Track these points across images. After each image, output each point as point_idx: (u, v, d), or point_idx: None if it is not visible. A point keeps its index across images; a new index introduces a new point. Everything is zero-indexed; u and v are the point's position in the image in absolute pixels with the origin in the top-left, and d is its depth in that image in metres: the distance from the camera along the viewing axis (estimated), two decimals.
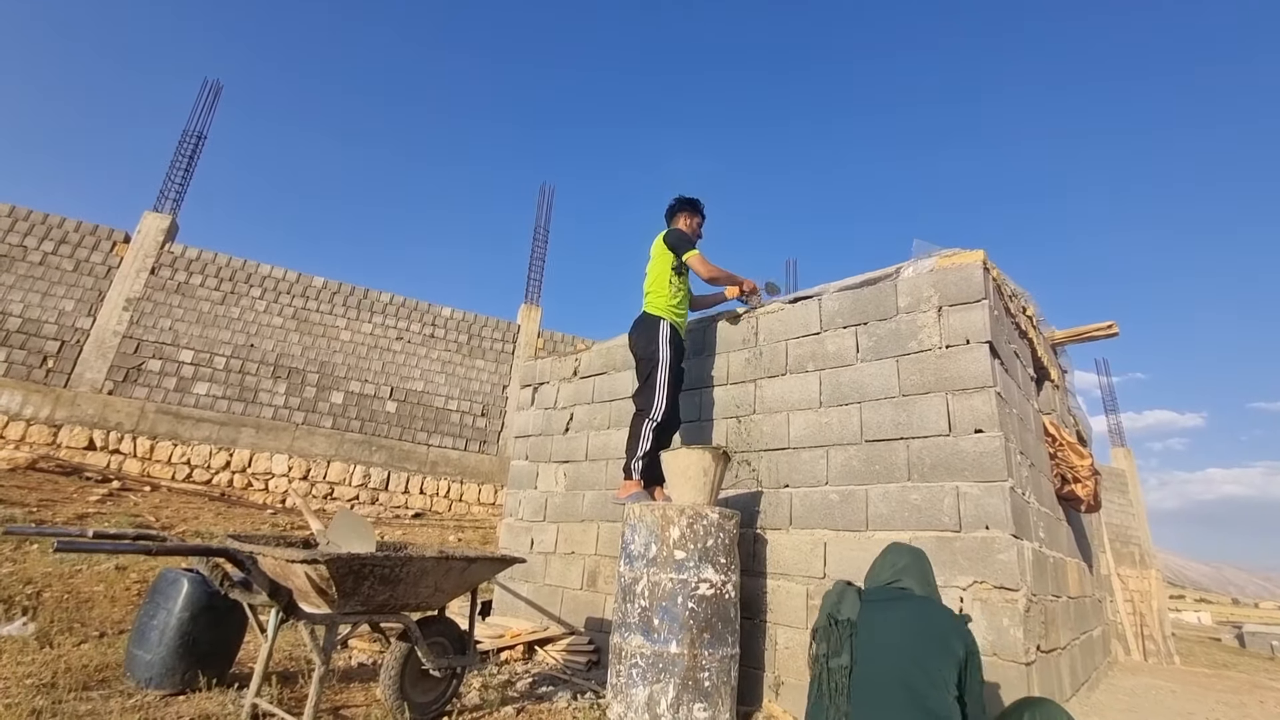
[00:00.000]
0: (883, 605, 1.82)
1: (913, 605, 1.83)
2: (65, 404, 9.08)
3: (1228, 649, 20.35)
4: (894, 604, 1.83)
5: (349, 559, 2.13)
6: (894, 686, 1.63)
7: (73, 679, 2.59)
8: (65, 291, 9.59)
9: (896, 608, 1.82)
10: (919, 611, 1.80)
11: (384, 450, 10.84)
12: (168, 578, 2.73)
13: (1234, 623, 26.74)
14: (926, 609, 1.82)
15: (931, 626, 1.74)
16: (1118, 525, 15.37)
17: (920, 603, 1.84)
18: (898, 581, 1.93)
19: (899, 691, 1.62)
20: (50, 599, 3.93)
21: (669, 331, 3.48)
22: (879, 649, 1.71)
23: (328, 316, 11.20)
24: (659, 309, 3.55)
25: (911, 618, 1.78)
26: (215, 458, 9.62)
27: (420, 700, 2.55)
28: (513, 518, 4.74)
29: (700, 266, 3.59)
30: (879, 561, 2.04)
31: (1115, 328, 4.99)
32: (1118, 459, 19.12)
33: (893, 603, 1.83)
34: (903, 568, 1.96)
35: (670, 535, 2.79)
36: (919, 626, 1.74)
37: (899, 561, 1.99)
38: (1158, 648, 13.31)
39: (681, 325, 3.62)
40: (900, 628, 1.75)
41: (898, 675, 1.64)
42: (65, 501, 6.87)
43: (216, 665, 2.70)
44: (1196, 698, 3.54)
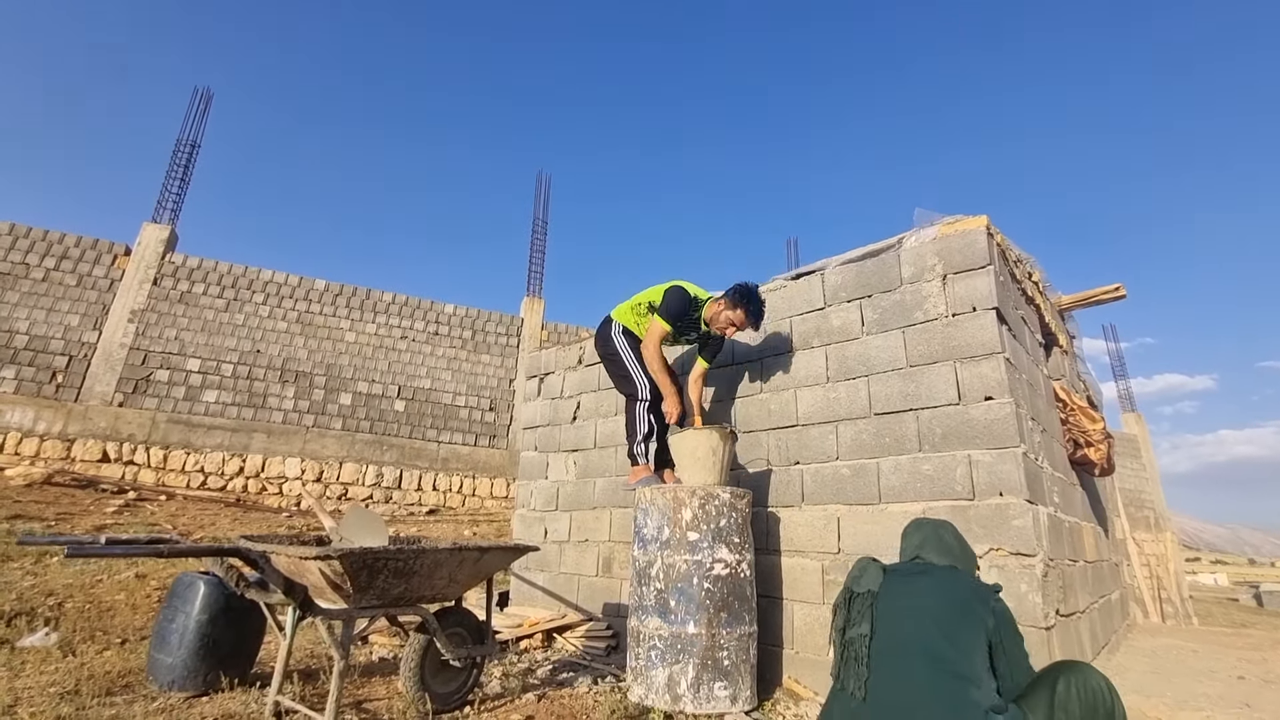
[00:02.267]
0: (905, 577, 1.81)
1: (935, 575, 1.81)
2: (77, 418, 9.15)
3: (1246, 609, 20.32)
4: (916, 576, 1.81)
5: (362, 553, 2.14)
6: (916, 653, 1.60)
7: (96, 685, 2.62)
8: (70, 307, 9.64)
9: (918, 579, 1.80)
10: (941, 581, 1.78)
11: (395, 449, 10.89)
12: (184, 581, 2.75)
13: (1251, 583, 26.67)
14: (948, 578, 1.80)
15: (954, 594, 1.72)
16: (1131, 490, 15.32)
17: (943, 572, 1.83)
18: (918, 557, 1.92)
19: (921, 658, 1.59)
20: (72, 609, 3.97)
21: (620, 327, 3.53)
22: (900, 617, 1.69)
23: (332, 319, 11.22)
24: (618, 314, 3.58)
25: (933, 587, 1.76)
26: (228, 464, 9.68)
27: (442, 691, 2.57)
28: (525, 508, 4.75)
29: (649, 341, 3.28)
30: (901, 544, 2.03)
31: (1122, 290, 4.93)
32: (1129, 424, 19.03)
33: (915, 576, 1.81)
34: (919, 543, 1.95)
35: (682, 517, 2.78)
36: (941, 595, 1.72)
37: (916, 538, 1.98)
38: (1175, 610, 13.30)
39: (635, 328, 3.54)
40: (922, 596, 1.73)
41: (920, 642, 1.61)
42: (83, 514, 6.94)
43: (238, 665, 2.72)
44: (1218, 655, 3.53)
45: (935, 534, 1.96)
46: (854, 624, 1.70)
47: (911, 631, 1.64)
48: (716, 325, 3.26)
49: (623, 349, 3.47)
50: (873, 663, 1.63)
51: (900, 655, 1.62)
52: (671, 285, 3.36)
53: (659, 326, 3.28)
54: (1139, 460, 17.06)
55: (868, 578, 1.79)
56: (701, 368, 3.49)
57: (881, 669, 1.62)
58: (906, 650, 1.62)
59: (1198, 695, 2.56)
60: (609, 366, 3.59)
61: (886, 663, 1.62)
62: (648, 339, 3.31)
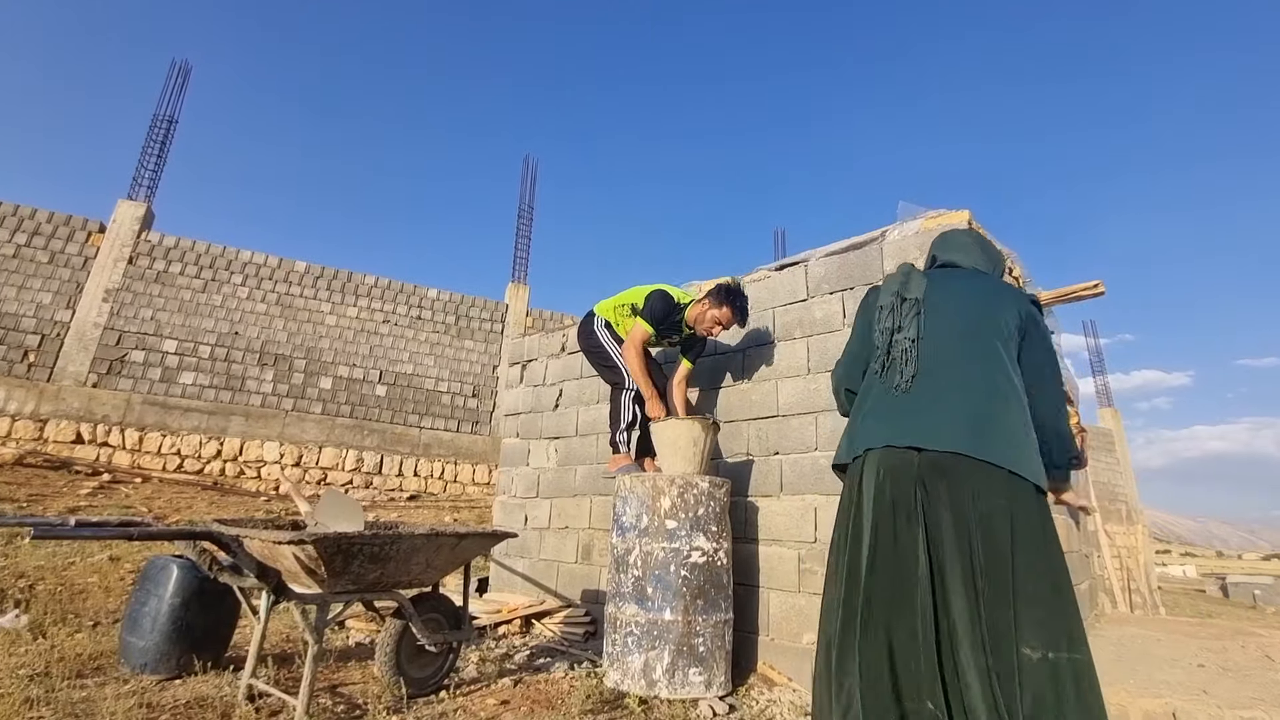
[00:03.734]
0: (942, 283, 1.77)
1: (969, 281, 1.79)
2: (50, 398, 8.97)
3: (1212, 599, 20.91)
4: (952, 281, 1.78)
5: (336, 538, 2.12)
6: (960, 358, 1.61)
7: (66, 668, 2.58)
8: (42, 284, 9.41)
9: (955, 284, 1.77)
10: (975, 286, 1.77)
11: (376, 434, 10.81)
12: (157, 564, 2.71)
13: (1218, 574, 27.44)
14: (982, 283, 1.78)
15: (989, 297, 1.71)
16: (1105, 483, 15.64)
17: (975, 277, 1.81)
18: (953, 260, 1.89)
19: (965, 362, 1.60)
20: (43, 591, 3.92)
21: (603, 321, 3.53)
22: (944, 323, 1.67)
23: (312, 301, 11.07)
24: (601, 309, 3.59)
25: (969, 292, 1.75)
26: (205, 447, 9.56)
27: (417, 675, 2.57)
28: (506, 495, 4.74)
29: (629, 346, 3.30)
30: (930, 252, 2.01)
31: (1101, 287, 5.00)
32: (1105, 419, 19.40)
33: (951, 281, 1.79)
34: (945, 247, 1.93)
35: (661, 505, 2.80)
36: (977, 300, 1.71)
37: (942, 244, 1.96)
38: (1144, 600, 13.65)
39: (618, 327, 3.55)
40: (961, 300, 1.72)
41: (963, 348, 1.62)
42: (55, 496, 6.82)
43: (211, 649, 2.70)
44: (1180, 644, 3.62)
45: (957, 239, 1.95)
46: (903, 329, 1.67)
47: (955, 338, 1.64)
48: (702, 326, 3.24)
49: (606, 341, 3.49)
50: (921, 364, 1.62)
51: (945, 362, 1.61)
52: (654, 289, 3.36)
53: (641, 329, 3.28)
54: (1114, 454, 17.40)
55: (914, 284, 1.74)
56: (685, 369, 3.48)
57: (929, 373, 1.61)
58: (951, 358, 1.62)
59: (1158, 682, 2.63)
60: (593, 358, 3.60)
61: (934, 366, 1.61)
62: (629, 341, 3.31)
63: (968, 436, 1.47)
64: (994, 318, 1.66)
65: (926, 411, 1.54)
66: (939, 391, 1.57)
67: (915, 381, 1.60)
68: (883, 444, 1.55)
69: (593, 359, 3.61)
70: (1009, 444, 1.48)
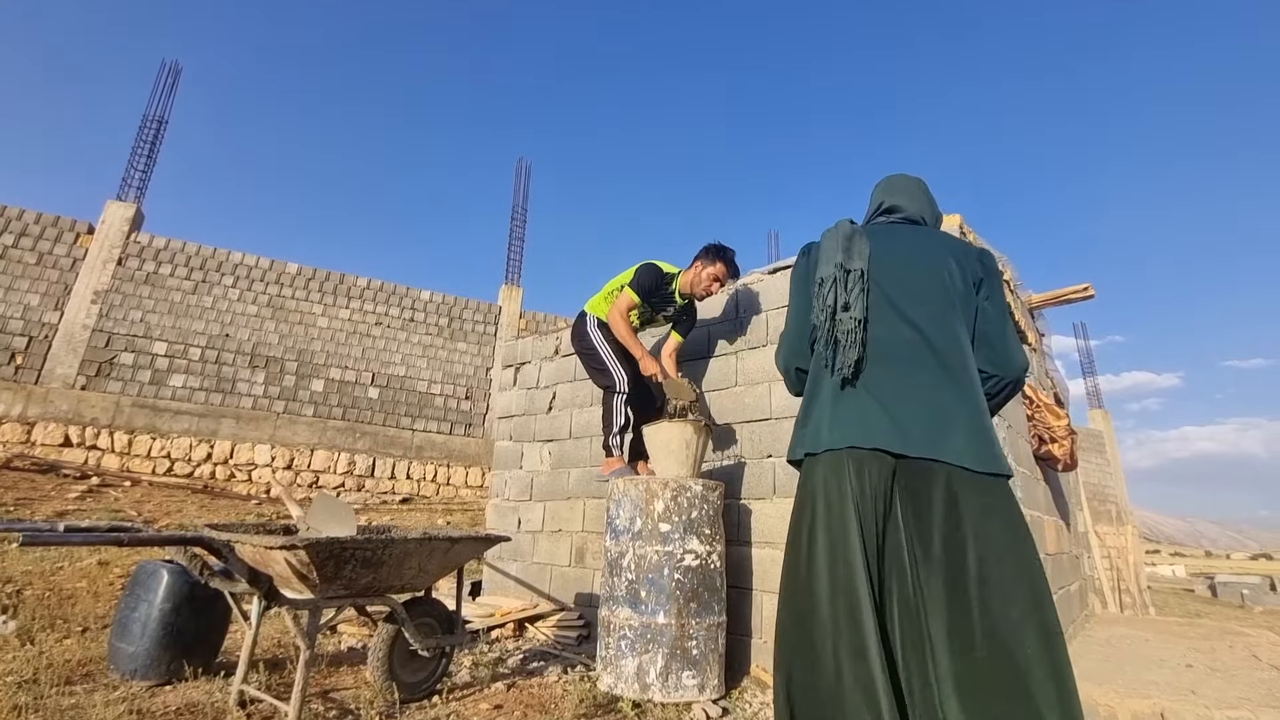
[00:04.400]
0: (887, 242, 1.61)
1: (916, 238, 1.65)
2: (37, 401, 8.88)
3: (1201, 599, 21.10)
4: (898, 240, 1.63)
5: (328, 543, 2.11)
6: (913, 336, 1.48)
7: (55, 674, 2.56)
8: (29, 286, 9.33)
9: (900, 242, 1.63)
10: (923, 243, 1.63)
11: (368, 437, 10.77)
12: (147, 569, 2.69)
13: (1206, 574, 27.69)
14: (929, 240, 1.65)
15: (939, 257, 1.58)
16: (1095, 484, 15.76)
17: (921, 234, 1.68)
18: (893, 208, 1.73)
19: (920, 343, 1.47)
20: (31, 597, 3.88)
21: (596, 323, 3.52)
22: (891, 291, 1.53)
23: (304, 303, 11.01)
24: (591, 307, 3.59)
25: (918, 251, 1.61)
26: (196, 450, 9.49)
27: (410, 680, 2.56)
28: (499, 498, 4.74)
29: (614, 312, 3.32)
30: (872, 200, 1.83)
31: (1091, 290, 5.05)
32: (1095, 420, 19.55)
33: (896, 239, 1.64)
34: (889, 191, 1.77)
35: (655, 508, 2.80)
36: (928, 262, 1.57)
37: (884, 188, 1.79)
38: (1134, 600, 13.75)
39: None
40: (911, 266, 1.57)
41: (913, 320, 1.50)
42: (43, 499, 6.76)
43: (202, 654, 2.68)
44: (1169, 645, 3.66)
45: (903, 184, 1.79)
46: (849, 306, 1.50)
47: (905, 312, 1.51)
48: (700, 286, 3.30)
49: (599, 342, 3.47)
50: (872, 348, 1.48)
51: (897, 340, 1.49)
52: (642, 264, 3.41)
53: (627, 297, 3.33)
54: (1103, 456, 17.54)
55: (856, 249, 1.56)
56: (675, 341, 3.53)
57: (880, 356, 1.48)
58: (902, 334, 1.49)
59: (1147, 683, 2.66)
60: (585, 361, 3.59)
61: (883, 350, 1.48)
62: (613, 308, 3.34)
63: (935, 437, 1.37)
64: (943, 281, 1.54)
65: (887, 407, 1.41)
66: (896, 382, 1.44)
67: (869, 370, 1.46)
68: (845, 445, 1.40)
69: (585, 361, 3.60)
70: (974, 439, 1.39)
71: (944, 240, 1.66)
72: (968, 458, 1.36)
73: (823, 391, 1.52)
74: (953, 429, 1.39)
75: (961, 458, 1.36)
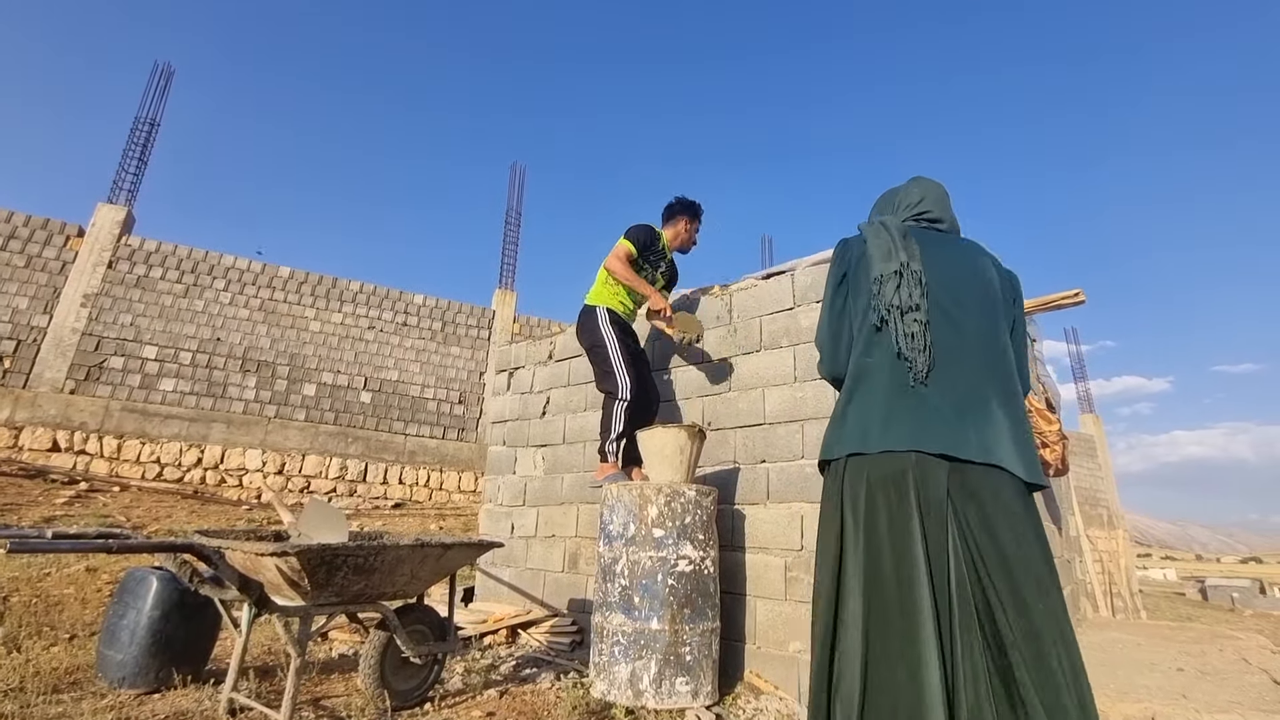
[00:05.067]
0: (932, 246, 1.59)
1: (959, 247, 1.64)
2: (25, 405, 8.80)
3: (1192, 602, 21.22)
4: (942, 248, 1.61)
5: (320, 550, 2.10)
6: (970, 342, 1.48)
7: (42, 682, 2.53)
8: (18, 289, 9.25)
9: (946, 250, 1.61)
10: (966, 253, 1.63)
11: (360, 441, 10.71)
12: (135, 576, 2.67)
13: (1197, 577, 27.88)
14: (970, 251, 1.64)
15: (984, 271, 1.59)
16: (1087, 489, 15.84)
17: (962, 243, 1.66)
18: (927, 214, 1.70)
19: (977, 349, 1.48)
20: (18, 603, 3.83)
21: (606, 315, 3.46)
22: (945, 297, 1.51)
23: (296, 307, 10.97)
24: (594, 298, 3.55)
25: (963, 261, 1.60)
26: (186, 455, 9.42)
27: (401, 687, 2.54)
28: (492, 503, 4.72)
29: (612, 260, 3.41)
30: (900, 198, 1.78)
31: (1082, 295, 5.09)
32: (1087, 425, 19.66)
33: (941, 246, 1.62)
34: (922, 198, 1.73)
35: (648, 514, 2.80)
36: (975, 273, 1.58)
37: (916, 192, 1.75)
38: (1125, 604, 13.82)
39: (623, 308, 3.55)
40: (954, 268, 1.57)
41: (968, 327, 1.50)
42: (31, 505, 6.69)
43: (191, 662, 2.65)
44: (1160, 648, 3.68)
45: (937, 192, 1.75)
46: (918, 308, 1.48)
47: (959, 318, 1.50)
48: (683, 239, 3.65)
49: (609, 338, 3.38)
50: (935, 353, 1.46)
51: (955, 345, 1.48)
52: (633, 225, 3.53)
53: (625, 247, 3.42)
54: (1095, 460, 17.63)
55: (911, 249, 1.54)
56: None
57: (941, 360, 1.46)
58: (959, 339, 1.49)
59: (1138, 687, 2.67)
60: (592, 357, 3.49)
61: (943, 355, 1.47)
62: (612, 255, 3.42)
63: (990, 444, 1.38)
64: (989, 292, 1.57)
65: (946, 412, 1.40)
66: (952, 387, 1.43)
67: (932, 374, 1.44)
68: (905, 447, 1.38)
69: (592, 357, 3.49)
70: (1022, 448, 1.40)
71: (985, 254, 1.66)
72: (1020, 467, 1.37)
73: (872, 390, 1.48)
74: (1003, 436, 1.40)
75: (1014, 465, 1.37)
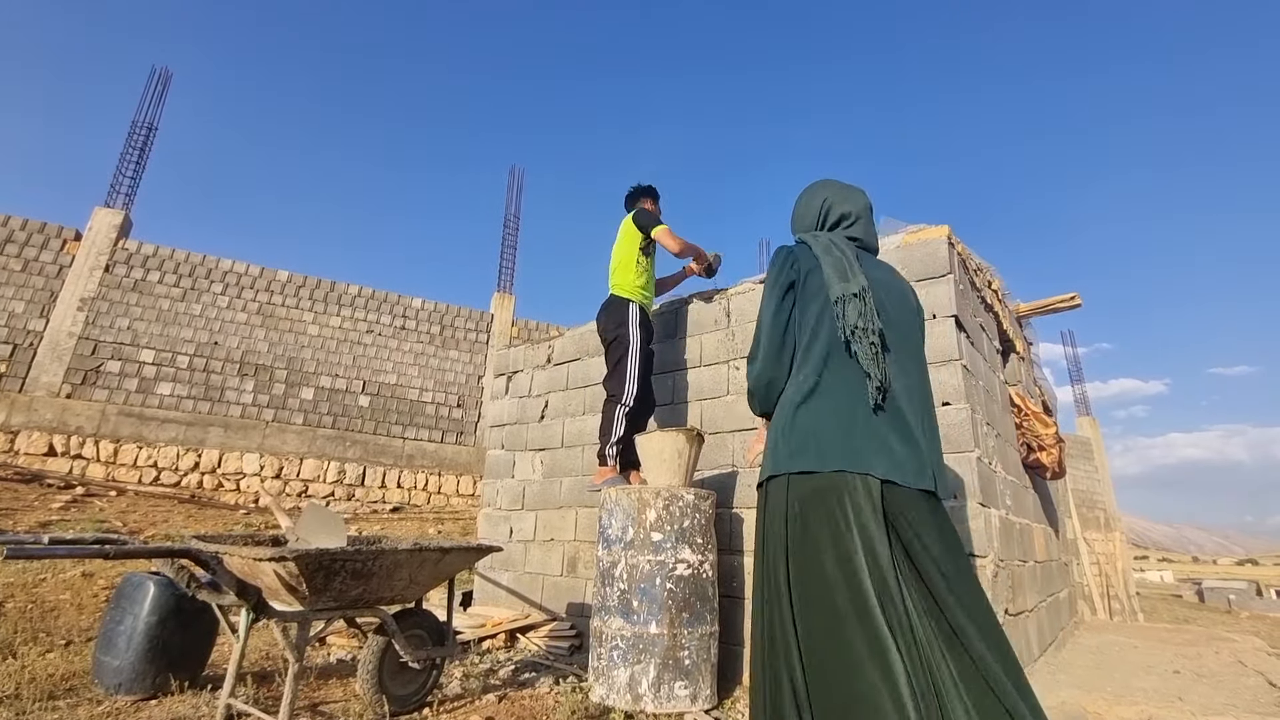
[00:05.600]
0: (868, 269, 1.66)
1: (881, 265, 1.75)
2: (21, 409, 8.77)
3: (1188, 604, 21.27)
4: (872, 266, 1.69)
5: (318, 554, 2.10)
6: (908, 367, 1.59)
7: (38, 689, 2.52)
8: (14, 293, 9.23)
9: (875, 269, 1.69)
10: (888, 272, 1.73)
11: (358, 445, 10.69)
12: (133, 581, 2.66)
13: (1194, 579, 27.94)
14: (896, 275, 1.76)
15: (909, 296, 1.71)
16: (1084, 491, 15.88)
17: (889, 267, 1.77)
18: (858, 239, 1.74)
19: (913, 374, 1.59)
20: (13, 609, 3.82)
21: (638, 314, 3.46)
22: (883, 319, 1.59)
23: (294, 311, 10.95)
24: (626, 290, 3.52)
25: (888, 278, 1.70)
26: (183, 459, 9.39)
27: (400, 693, 2.54)
28: (491, 507, 4.71)
29: (669, 240, 3.56)
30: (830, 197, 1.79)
31: (1078, 299, 5.11)
32: (1084, 428, 19.71)
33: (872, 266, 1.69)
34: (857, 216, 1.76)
35: (647, 518, 2.80)
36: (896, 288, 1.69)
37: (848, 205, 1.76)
38: (1123, 606, 13.84)
39: (649, 307, 3.61)
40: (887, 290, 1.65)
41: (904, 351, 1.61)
42: (26, 510, 6.66)
43: (188, 668, 2.65)
44: (1156, 651, 3.69)
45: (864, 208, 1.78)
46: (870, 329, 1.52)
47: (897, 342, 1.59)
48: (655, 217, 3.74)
49: (634, 341, 3.39)
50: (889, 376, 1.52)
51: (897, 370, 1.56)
52: (636, 211, 3.66)
53: (667, 232, 3.56)
54: (1092, 462, 17.68)
55: (857, 271, 1.60)
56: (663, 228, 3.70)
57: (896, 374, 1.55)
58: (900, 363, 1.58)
59: (1135, 689, 2.68)
60: (609, 346, 3.48)
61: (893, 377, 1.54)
62: (674, 245, 3.58)
63: (921, 470, 1.47)
64: (916, 320, 1.69)
65: (899, 439, 1.48)
66: (905, 413, 1.52)
67: (887, 399, 1.50)
68: (857, 470, 1.42)
69: (609, 347, 3.47)
70: (939, 468, 1.53)
71: (902, 277, 1.77)
72: (938, 485, 1.49)
73: (831, 411, 1.50)
74: (928, 458, 1.51)
75: (933, 484, 1.48)
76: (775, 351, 1.65)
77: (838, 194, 1.79)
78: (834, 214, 1.77)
